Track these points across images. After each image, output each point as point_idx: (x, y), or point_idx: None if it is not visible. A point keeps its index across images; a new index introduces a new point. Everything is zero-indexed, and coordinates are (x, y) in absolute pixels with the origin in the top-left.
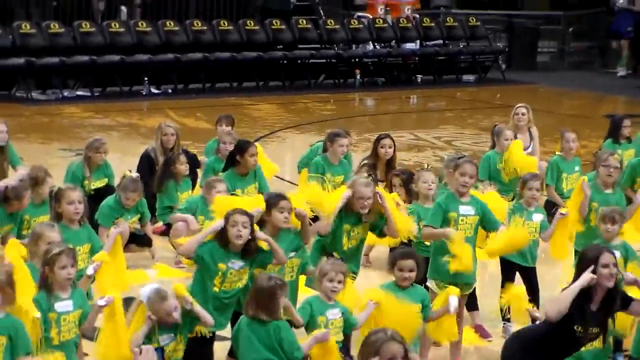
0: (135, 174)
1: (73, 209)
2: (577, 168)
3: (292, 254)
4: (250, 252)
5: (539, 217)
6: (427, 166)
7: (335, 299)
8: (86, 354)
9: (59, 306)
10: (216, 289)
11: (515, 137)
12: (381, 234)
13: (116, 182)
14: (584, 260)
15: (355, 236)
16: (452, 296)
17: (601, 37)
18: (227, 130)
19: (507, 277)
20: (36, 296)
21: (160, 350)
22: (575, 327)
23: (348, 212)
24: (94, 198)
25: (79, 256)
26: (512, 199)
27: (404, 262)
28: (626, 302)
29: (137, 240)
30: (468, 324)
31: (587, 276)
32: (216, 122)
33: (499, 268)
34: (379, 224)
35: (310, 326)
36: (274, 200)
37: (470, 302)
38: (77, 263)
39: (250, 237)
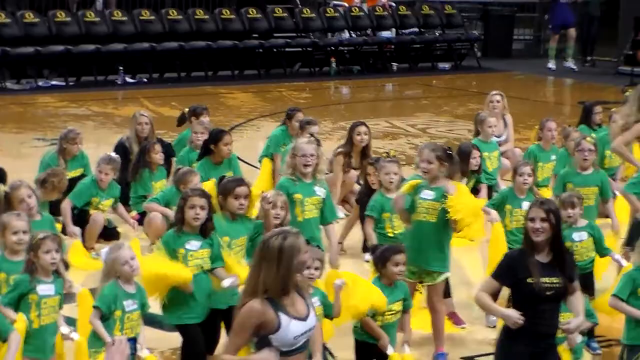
0: (114, 154)
1: (25, 206)
2: (553, 157)
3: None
4: (207, 232)
5: (527, 205)
6: (389, 155)
7: (313, 286)
8: None
9: (41, 289)
10: None
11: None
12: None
13: (92, 171)
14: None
15: (309, 207)
16: (338, 279)
17: (576, 25)
18: (199, 120)
19: None
20: (19, 278)
21: (133, 340)
22: (528, 280)
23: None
24: (69, 188)
25: None
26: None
27: (399, 257)
28: (574, 275)
29: (106, 234)
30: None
31: (511, 318)
32: (189, 113)
33: (479, 255)
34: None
35: None
36: (230, 186)
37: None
38: (61, 249)
39: (207, 218)
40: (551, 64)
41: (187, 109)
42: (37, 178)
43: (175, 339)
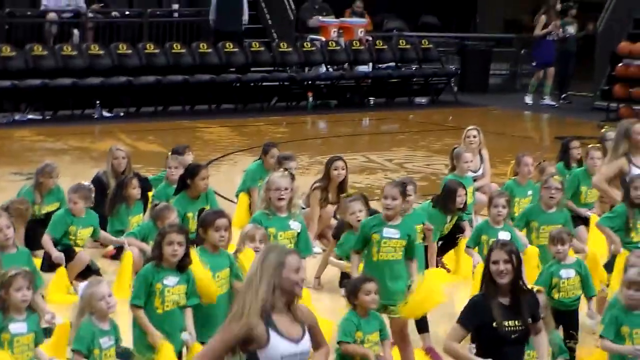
0: (86, 183)
1: (2, 236)
2: (529, 192)
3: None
4: (184, 268)
5: (505, 235)
6: (350, 196)
7: None
8: None
9: (13, 327)
10: (160, 311)
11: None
12: None
13: None
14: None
15: (283, 242)
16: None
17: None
18: (173, 155)
19: None
20: None
21: None
22: (494, 325)
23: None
24: (45, 222)
25: None
26: None
27: (369, 285)
28: (536, 314)
29: (87, 275)
30: (419, 347)
31: None
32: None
33: (457, 290)
34: None
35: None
36: (210, 219)
37: (421, 324)
38: (33, 286)
39: (185, 253)
40: (529, 99)
41: (170, 152)
42: (1, 205)
43: None
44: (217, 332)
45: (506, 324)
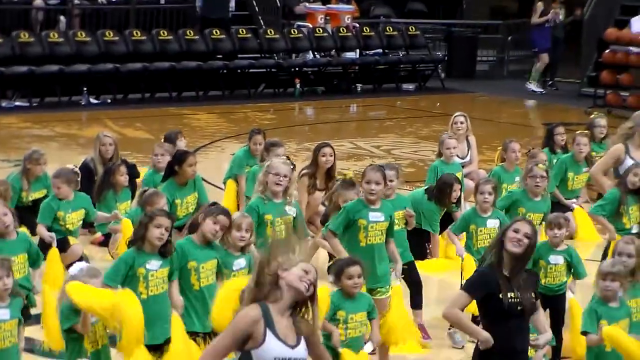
0: (70, 166)
1: (1, 225)
2: (517, 178)
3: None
4: (167, 253)
5: (494, 223)
6: (346, 179)
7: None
8: None
9: None
10: (144, 296)
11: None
12: None
13: None
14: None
15: (279, 227)
16: None
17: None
18: (159, 142)
19: None
20: None
21: None
22: (500, 296)
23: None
24: (33, 209)
25: (14, 266)
26: None
27: (352, 269)
28: (536, 292)
29: None
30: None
31: (483, 337)
32: (165, 140)
33: (445, 276)
34: None
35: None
36: (212, 211)
37: (414, 301)
38: (12, 273)
39: (168, 239)
40: (533, 86)
41: (162, 138)
42: None
43: None
44: (227, 327)
45: (512, 295)
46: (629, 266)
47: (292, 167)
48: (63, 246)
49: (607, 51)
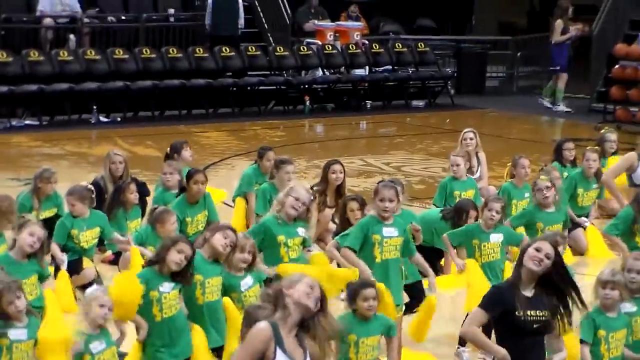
0: (83, 183)
1: (31, 241)
2: (527, 195)
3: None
4: (181, 279)
5: (498, 237)
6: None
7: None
8: None
9: (13, 334)
10: (158, 319)
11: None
12: None
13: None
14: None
15: (293, 247)
16: None
17: (549, 62)
18: (168, 161)
19: None
20: None
21: None
22: (516, 314)
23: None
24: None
25: (26, 287)
26: None
27: (368, 291)
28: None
29: None
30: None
31: (501, 355)
32: (171, 151)
33: (455, 293)
34: None
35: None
36: (222, 226)
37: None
38: (23, 294)
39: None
40: (547, 102)
41: (168, 149)
42: None
43: None
44: (243, 345)
45: (529, 313)
46: (639, 283)
47: (312, 197)
48: (76, 268)
49: (616, 66)
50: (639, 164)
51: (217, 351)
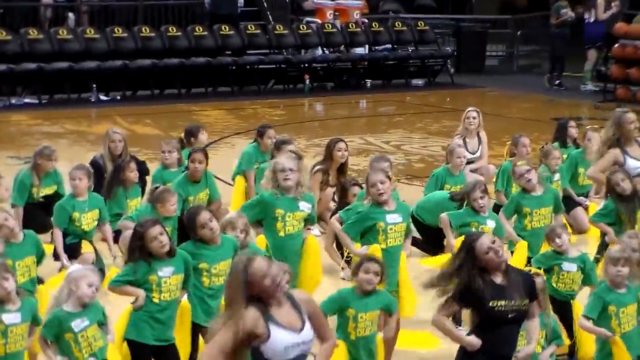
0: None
1: (7, 230)
2: None
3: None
4: (172, 254)
5: (492, 224)
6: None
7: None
8: None
9: (6, 318)
10: (156, 300)
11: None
12: None
13: (66, 189)
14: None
15: (291, 222)
16: None
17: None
18: (165, 140)
19: None
20: None
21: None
22: (490, 304)
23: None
24: (43, 205)
25: (20, 269)
26: None
27: (370, 264)
28: (532, 295)
29: None
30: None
31: (470, 345)
32: (186, 135)
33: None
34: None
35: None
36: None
37: None
38: (12, 275)
39: (170, 241)
40: (591, 86)
41: (182, 134)
42: None
43: None
44: (227, 326)
45: (500, 303)
46: (633, 261)
47: (297, 159)
48: (75, 252)
49: (616, 45)
50: (625, 157)
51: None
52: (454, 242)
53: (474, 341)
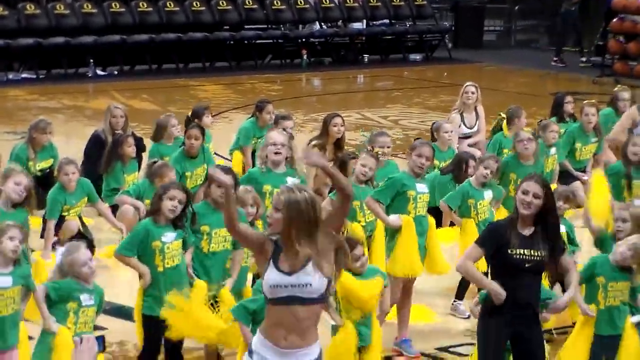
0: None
1: (19, 189)
2: None
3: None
4: (178, 226)
5: (489, 195)
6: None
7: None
8: (31, 338)
9: None
10: (160, 269)
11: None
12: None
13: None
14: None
15: None
16: None
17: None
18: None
19: None
20: None
21: (100, 338)
22: (509, 251)
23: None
24: (40, 179)
25: None
26: None
27: (358, 251)
28: (561, 250)
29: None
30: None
31: (495, 291)
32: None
33: (450, 245)
34: None
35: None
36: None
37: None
38: (26, 240)
39: (182, 212)
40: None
41: (189, 113)
42: None
43: None
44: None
45: (521, 251)
46: (625, 231)
47: (289, 137)
48: (58, 222)
49: (614, 20)
50: None
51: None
52: (460, 221)
53: (500, 290)
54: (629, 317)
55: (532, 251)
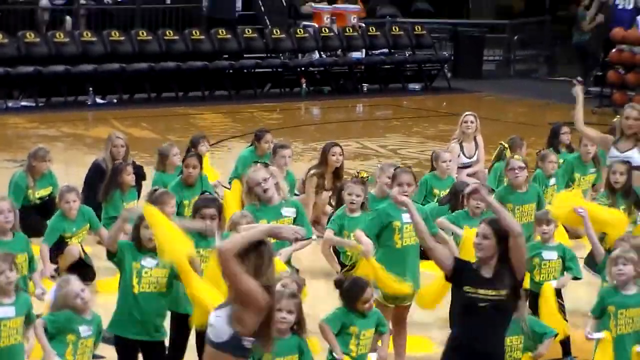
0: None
1: (2, 218)
2: None
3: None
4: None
5: None
6: (357, 176)
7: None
8: None
9: (0, 311)
10: (135, 290)
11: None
12: None
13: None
14: None
15: None
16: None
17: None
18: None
19: None
20: None
21: None
22: (464, 289)
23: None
24: (39, 208)
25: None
26: None
27: (367, 294)
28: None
29: (80, 270)
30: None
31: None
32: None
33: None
34: None
35: None
36: (199, 205)
37: None
38: (16, 267)
39: None
40: None
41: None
42: None
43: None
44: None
45: (479, 291)
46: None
47: (264, 166)
48: (60, 247)
49: (613, 50)
50: (611, 147)
51: None
52: (459, 230)
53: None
54: (636, 346)
55: (487, 291)
